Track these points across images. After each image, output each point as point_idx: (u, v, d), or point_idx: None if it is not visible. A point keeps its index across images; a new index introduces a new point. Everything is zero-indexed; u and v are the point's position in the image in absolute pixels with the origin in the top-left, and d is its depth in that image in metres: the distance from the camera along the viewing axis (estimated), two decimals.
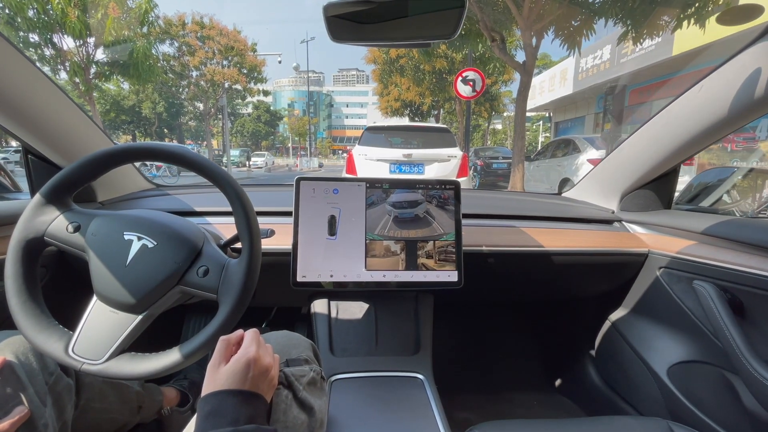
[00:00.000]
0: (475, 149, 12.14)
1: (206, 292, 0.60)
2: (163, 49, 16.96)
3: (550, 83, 14.91)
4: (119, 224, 0.62)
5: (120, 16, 10.18)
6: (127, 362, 0.57)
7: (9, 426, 0.55)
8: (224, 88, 20.12)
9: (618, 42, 7.14)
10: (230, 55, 19.36)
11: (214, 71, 19.22)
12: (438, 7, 0.59)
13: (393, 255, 0.90)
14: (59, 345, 0.58)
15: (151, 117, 28.05)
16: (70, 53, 10.70)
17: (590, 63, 11.85)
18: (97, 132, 1.00)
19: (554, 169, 6.84)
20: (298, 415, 0.58)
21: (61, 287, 0.95)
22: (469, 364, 1.58)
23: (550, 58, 26.10)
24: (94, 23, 9.79)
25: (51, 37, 10.05)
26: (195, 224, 0.70)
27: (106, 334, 0.58)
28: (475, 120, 24.93)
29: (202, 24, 18.69)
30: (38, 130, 0.84)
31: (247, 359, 0.48)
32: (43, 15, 9.23)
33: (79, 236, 0.60)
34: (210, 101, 20.68)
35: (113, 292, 0.58)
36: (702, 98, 0.87)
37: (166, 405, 1.02)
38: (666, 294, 1.01)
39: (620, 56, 10.35)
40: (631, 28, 6.08)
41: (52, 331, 0.59)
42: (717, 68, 0.82)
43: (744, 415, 0.82)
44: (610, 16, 6.04)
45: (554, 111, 16.66)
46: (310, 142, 34.47)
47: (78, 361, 0.57)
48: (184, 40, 18.34)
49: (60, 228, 0.60)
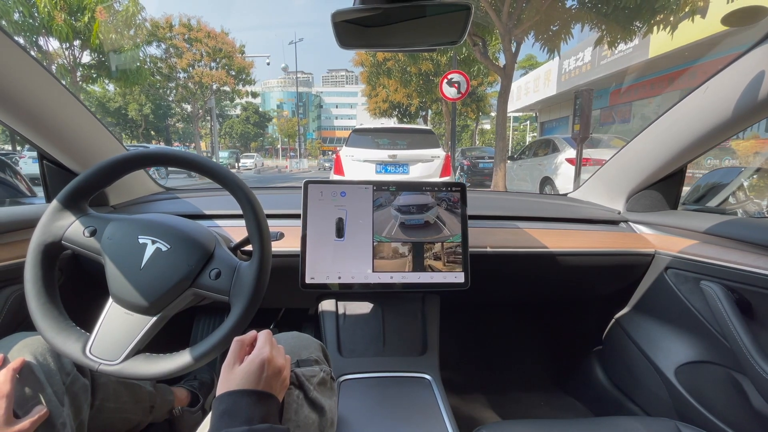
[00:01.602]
0: (461, 149, 12.32)
1: (218, 294, 0.61)
2: (150, 51, 16.83)
3: (535, 84, 15.24)
4: (134, 228, 0.63)
5: (107, 20, 10.14)
6: (143, 363, 0.58)
7: (29, 425, 0.56)
8: (212, 89, 20.04)
9: (595, 46, 7.42)
10: (218, 57, 19.30)
11: (202, 73, 19.12)
12: (444, 12, 0.60)
13: (400, 257, 0.90)
14: (77, 346, 0.59)
15: (138, 119, 27.69)
16: (56, 56, 10.64)
17: (573, 65, 12.20)
18: (110, 138, 1.03)
19: (536, 168, 7.04)
20: (309, 415, 0.59)
21: (76, 290, 0.96)
22: (476, 365, 1.58)
23: (536, 59, 26.50)
24: (80, 26, 9.76)
25: (37, 40, 9.99)
26: (206, 227, 0.71)
27: (122, 335, 0.60)
28: (464, 120, 25.20)
29: (189, 26, 18.60)
30: (54, 137, 0.87)
31: (261, 360, 0.50)
32: (29, 18, 9.20)
33: (95, 240, 0.62)
34: (198, 103, 20.55)
35: (128, 295, 0.60)
36: (707, 99, 0.86)
37: (177, 405, 1.04)
38: (673, 294, 1.01)
39: (600, 58, 10.70)
40: (605, 33, 6.37)
41: (70, 332, 0.60)
42: (722, 69, 0.82)
43: (752, 415, 0.82)
44: (586, 22, 6.32)
45: (540, 111, 17.01)
46: (299, 143, 34.35)
47: (95, 361, 0.58)
48: (171, 42, 18.22)
49: (77, 232, 0.62)
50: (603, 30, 6.35)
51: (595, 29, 6.49)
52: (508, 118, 11.22)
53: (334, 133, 68.75)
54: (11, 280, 0.78)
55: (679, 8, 5.55)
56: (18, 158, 8.12)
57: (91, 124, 0.95)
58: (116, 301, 0.61)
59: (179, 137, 37.77)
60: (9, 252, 0.79)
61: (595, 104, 11.01)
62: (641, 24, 5.90)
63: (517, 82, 16.74)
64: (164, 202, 1.14)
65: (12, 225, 0.81)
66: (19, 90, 0.75)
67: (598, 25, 6.31)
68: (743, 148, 7.05)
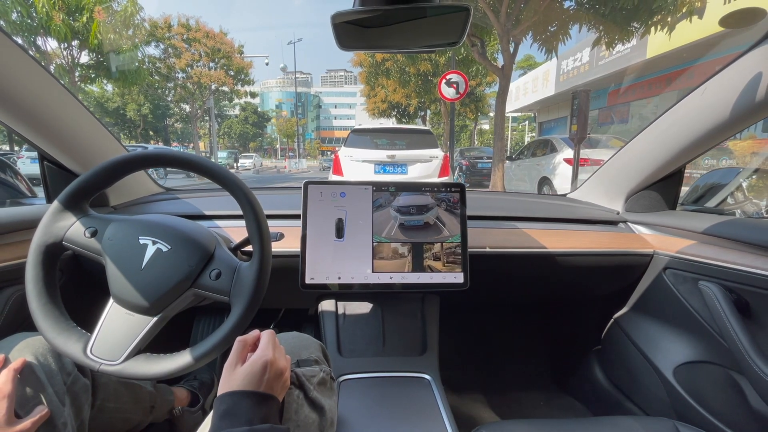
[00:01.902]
0: (460, 149, 12.34)
1: (219, 294, 0.61)
2: (148, 51, 16.81)
3: (533, 84, 15.27)
4: (134, 229, 0.63)
5: (105, 20, 10.13)
6: (143, 363, 0.58)
7: (30, 425, 0.56)
8: (211, 90, 20.03)
9: (593, 46, 7.45)
10: (217, 57, 19.29)
11: (200, 73, 19.11)
12: (443, 13, 0.60)
13: (400, 257, 0.90)
14: (78, 346, 0.59)
15: (137, 119, 27.64)
16: (54, 56, 10.62)
17: (571, 65, 12.23)
18: (110, 138, 1.03)
19: (534, 168, 7.05)
20: (309, 415, 0.59)
21: (77, 290, 0.96)
22: (476, 365, 1.58)
23: (534, 60, 26.56)
24: (79, 26, 9.74)
25: (35, 41, 9.97)
26: (206, 228, 0.71)
27: (123, 335, 0.60)
28: (462, 121, 25.22)
29: (188, 26, 18.59)
30: (54, 137, 0.87)
31: (264, 361, 0.49)
32: (27, 19, 9.17)
33: (96, 241, 0.62)
34: (197, 103, 20.53)
35: (129, 295, 0.60)
36: (706, 100, 0.87)
37: (177, 405, 1.04)
38: (671, 294, 1.01)
39: (598, 59, 10.72)
40: (603, 34, 6.40)
41: (71, 332, 0.60)
42: (721, 70, 0.82)
43: (750, 415, 0.82)
44: (584, 23, 6.35)
45: (538, 111, 17.04)
46: (298, 143, 34.35)
47: (96, 361, 0.58)
48: (170, 42, 18.21)
49: (78, 233, 0.62)
50: (601, 31, 6.37)
51: (593, 30, 6.52)
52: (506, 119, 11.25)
53: (333, 133, 68.79)
54: (12, 280, 0.79)
55: (677, 9, 5.58)
56: (16, 158, 8.11)
57: (91, 125, 0.95)
58: (117, 301, 0.61)
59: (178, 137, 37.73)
60: (10, 252, 0.79)
61: (593, 104, 11.09)
62: (639, 25, 5.93)
63: (516, 83, 16.79)
64: (164, 202, 1.14)
65: (13, 226, 0.81)
66: (19, 90, 0.75)
67: (596, 25, 6.33)
68: (740, 148, 7.08)
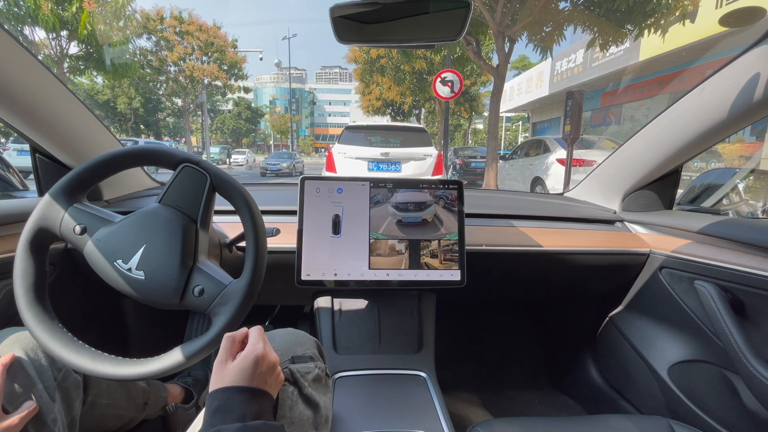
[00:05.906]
0: (454, 149, 12.39)
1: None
2: (140, 43, 16.56)
3: (527, 85, 15.36)
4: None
5: (95, 10, 9.94)
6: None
7: (18, 420, 0.55)
8: (204, 84, 19.80)
9: (587, 48, 7.50)
10: (210, 51, 19.07)
11: (193, 67, 18.87)
12: (443, 8, 0.59)
13: (397, 254, 0.89)
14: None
15: (127, 113, 27.24)
16: (42, 46, 10.39)
17: (564, 66, 12.31)
18: (104, 131, 1.01)
19: (527, 168, 7.10)
20: (304, 411, 0.58)
21: (68, 285, 0.95)
22: (472, 363, 1.58)
23: (529, 60, 26.71)
24: (68, 16, 9.55)
25: (22, 30, 9.74)
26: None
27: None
28: (457, 120, 25.32)
29: (180, 19, 18.33)
30: (47, 129, 0.86)
31: (255, 356, 0.49)
32: (15, 7, 8.96)
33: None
34: (189, 97, 20.30)
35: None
36: (703, 100, 0.87)
37: (170, 401, 1.03)
38: (667, 294, 1.01)
39: (592, 60, 10.81)
40: (597, 36, 6.44)
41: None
42: (719, 70, 0.83)
43: (744, 414, 0.83)
44: (579, 24, 6.39)
45: (532, 112, 17.15)
46: (292, 139, 34.18)
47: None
48: (162, 35, 17.95)
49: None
50: (595, 32, 6.42)
51: (587, 31, 6.56)
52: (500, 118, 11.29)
53: (327, 130, 68.45)
54: (2, 274, 0.77)
55: (670, 12, 5.64)
56: (2, 150, 7.93)
57: (85, 117, 0.94)
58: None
59: (169, 132, 37.26)
60: (1, 246, 0.77)
61: (587, 106, 11.17)
62: (633, 27, 5.99)
63: (510, 83, 16.86)
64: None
65: (4, 219, 0.79)
66: (11, 81, 0.73)
67: (591, 27, 6.38)
68: (729, 151, 7.21)
